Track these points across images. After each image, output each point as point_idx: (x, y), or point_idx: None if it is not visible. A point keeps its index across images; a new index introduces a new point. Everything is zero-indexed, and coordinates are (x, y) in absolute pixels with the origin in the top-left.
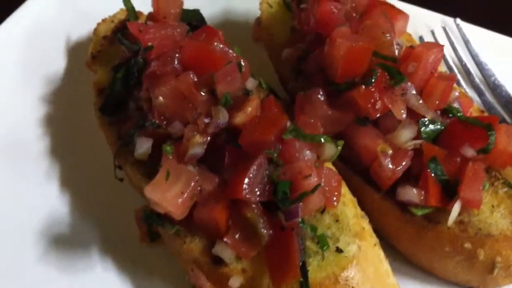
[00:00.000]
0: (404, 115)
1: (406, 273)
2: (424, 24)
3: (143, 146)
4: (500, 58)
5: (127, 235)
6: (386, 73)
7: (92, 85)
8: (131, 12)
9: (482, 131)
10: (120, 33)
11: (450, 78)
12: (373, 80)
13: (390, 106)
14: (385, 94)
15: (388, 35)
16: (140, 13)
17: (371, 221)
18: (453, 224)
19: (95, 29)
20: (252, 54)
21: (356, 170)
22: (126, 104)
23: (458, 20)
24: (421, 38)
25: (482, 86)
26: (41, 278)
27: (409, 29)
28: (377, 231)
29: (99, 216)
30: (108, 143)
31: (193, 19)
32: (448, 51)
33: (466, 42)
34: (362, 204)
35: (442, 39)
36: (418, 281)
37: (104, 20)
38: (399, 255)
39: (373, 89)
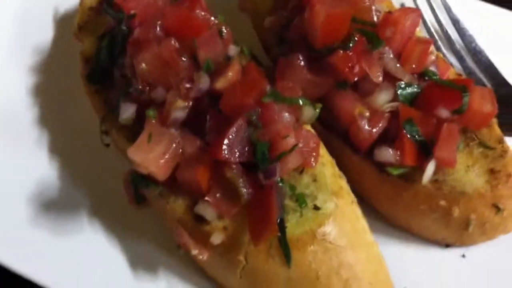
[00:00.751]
0: (380, 78)
1: (384, 231)
2: None
3: (128, 111)
4: (481, 24)
5: (115, 199)
6: (364, 38)
7: (79, 55)
8: None
9: (457, 93)
10: (105, 3)
11: (427, 42)
12: (351, 45)
13: (367, 69)
14: (363, 58)
15: (366, 0)
16: None
17: (350, 182)
18: (428, 182)
19: (81, 1)
20: (238, 22)
21: (336, 133)
22: (112, 72)
23: None
24: (402, 5)
25: (462, 52)
26: (34, 240)
27: None
28: (356, 191)
29: (88, 180)
30: (95, 110)
31: None
32: (429, 18)
33: (448, 9)
34: (341, 165)
35: (424, 6)
36: (396, 239)
37: None
38: (377, 214)
39: (351, 54)
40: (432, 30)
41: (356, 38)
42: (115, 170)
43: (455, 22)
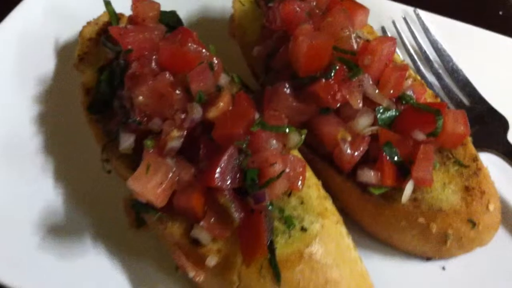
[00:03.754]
0: (360, 105)
1: (368, 247)
2: (386, 14)
3: (127, 141)
4: (458, 44)
5: (116, 222)
6: (345, 66)
7: (80, 85)
8: (112, 17)
9: (432, 116)
10: (103, 36)
11: (403, 68)
12: (332, 74)
13: (347, 97)
14: (343, 86)
15: (346, 30)
16: (122, 15)
17: (336, 201)
18: (407, 201)
19: (81, 32)
20: (229, 49)
21: (321, 155)
22: (111, 103)
23: (418, 10)
24: (383, 28)
25: (441, 71)
26: (41, 265)
27: (373, 20)
28: (342, 209)
29: (91, 206)
30: (96, 139)
31: (170, 20)
32: (409, 40)
33: (426, 31)
34: (327, 186)
35: (404, 29)
36: (380, 254)
37: (89, 23)
38: (362, 230)
39: (332, 82)
40: (412, 51)
41: (337, 67)
42: (116, 195)
43: (434, 43)
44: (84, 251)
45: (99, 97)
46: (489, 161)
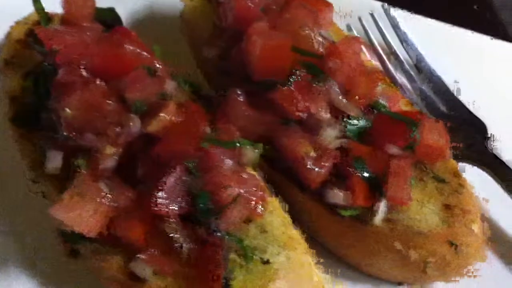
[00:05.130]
0: (325, 115)
1: (340, 273)
2: (353, 10)
3: (54, 160)
4: (430, 43)
5: (54, 250)
6: (307, 71)
7: (4, 93)
8: (41, 15)
9: (407, 127)
10: (31, 36)
11: (374, 73)
12: (293, 80)
13: (310, 106)
14: (305, 94)
15: (306, 28)
16: (56, 14)
17: (303, 222)
18: (381, 222)
19: (9, 33)
20: (182, 49)
21: (283, 171)
22: (39, 114)
23: (387, 5)
24: (348, 26)
25: (412, 72)
26: None
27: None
28: (308, 230)
29: (22, 231)
30: (22, 156)
31: (108, 18)
32: (377, 37)
33: (395, 26)
34: (292, 205)
35: (370, 25)
36: (349, 278)
37: (18, 23)
38: (331, 253)
39: (293, 89)
40: (380, 50)
41: (298, 72)
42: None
43: (404, 41)
44: (18, 280)
45: (24, 107)
46: (472, 173)
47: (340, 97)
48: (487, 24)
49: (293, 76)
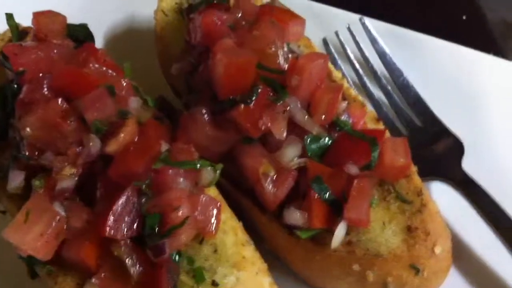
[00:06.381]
0: (284, 134)
1: None
2: (330, 23)
3: (16, 179)
4: (409, 55)
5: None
6: (269, 88)
7: None
8: (13, 32)
9: (367, 146)
10: (1, 54)
11: (336, 90)
12: (253, 97)
13: (269, 125)
14: (266, 112)
15: (273, 47)
16: (31, 29)
17: (264, 242)
18: (339, 245)
19: None
20: (156, 64)
21: (244, 190)
22: (7, 132)
23: (365, 18)
24: (324, 40)
25: (389, 87)
26: None
27: (316, 31)
28: (271, 250)
29: None
30: None
31: (80, 34)
32: (353, 51)
33: (373, 41)
34: (252, 225)
35: (347, 39)
36: None
37: None
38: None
39: (253, 107)
40: (357, 65)
41: (259, 89)
42: None
43: (382, 55)
44: None
45: None
46: (442, 191)
47: (302, 114)
48: (476, 37)
49: (254, 94)
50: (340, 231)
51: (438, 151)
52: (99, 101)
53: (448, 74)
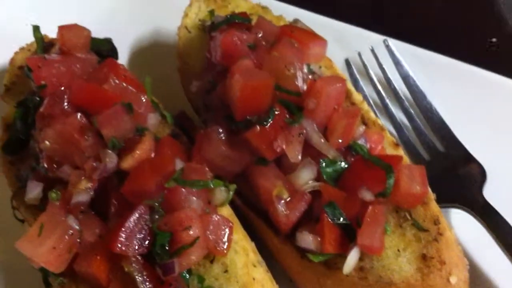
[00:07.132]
0: (299, 157)
1: None
2: (353, 44)
3: (34, 191)
4: (435, 79)
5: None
6: (286, 110)
7: (1, 120)
8: (38, 43)
9: (382, 173)
10: (26, 66)
11: (354, 114)
12: (270, 119)
13: (284, 147)
14: (281, 134)
15: (291, 68)
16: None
17: (276, 262)
18: (352, 271)
19: (12, 59)
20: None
21: (257, 211)
22: (28, 144)
23: (389, 40)
24: (347, 61)
25: (412, 110)
26: None
27: (337, 50)
28: (284, 272)
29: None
30: (9, 183)
31: (104, 48)
32: (377, 73)
33: (397, 64)
34: (265, 246)
35: (371, 61)
36: None
37: (21, 49)
38: None
39: (269, 129)
40: (379, 86)
41: (276, 111)
42: None
43: (405, 78)
44: None
45: (15, 135)
46: (462, 218)
47: (318, 137)
48: (504, 62)
49: (270, 115)
50: (352, 257)
51: (460, 178)
52: (116, 118)
53: (472, 99)
